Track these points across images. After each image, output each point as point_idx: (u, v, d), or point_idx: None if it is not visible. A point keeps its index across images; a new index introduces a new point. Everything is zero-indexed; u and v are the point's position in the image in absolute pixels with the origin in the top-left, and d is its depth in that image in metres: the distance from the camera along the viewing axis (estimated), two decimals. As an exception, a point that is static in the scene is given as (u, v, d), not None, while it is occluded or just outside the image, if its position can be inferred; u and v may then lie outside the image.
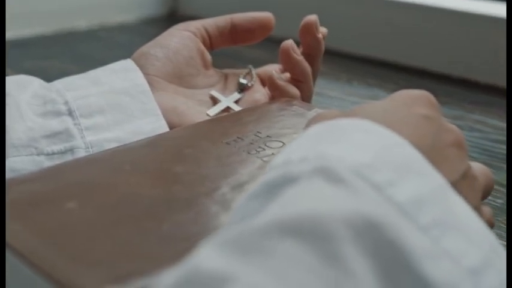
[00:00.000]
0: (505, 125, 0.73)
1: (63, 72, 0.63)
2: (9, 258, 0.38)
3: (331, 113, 0.43)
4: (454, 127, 0.42)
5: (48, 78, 0.59)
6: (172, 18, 1.16)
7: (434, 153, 0.39)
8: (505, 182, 0.57)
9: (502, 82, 0.83)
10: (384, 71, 0.90)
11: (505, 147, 0.67)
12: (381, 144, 0.37)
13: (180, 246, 0.38)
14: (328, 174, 0.34)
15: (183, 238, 0.39)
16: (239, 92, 0.62)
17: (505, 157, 0.64)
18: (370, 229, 0.31)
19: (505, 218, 0.52)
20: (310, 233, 0.30)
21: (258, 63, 0.66)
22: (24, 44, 1.01)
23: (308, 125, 0.43)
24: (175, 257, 0.37)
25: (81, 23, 1.09)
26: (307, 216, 0.31)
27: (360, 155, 0.35)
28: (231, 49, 0.67)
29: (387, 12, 0.94)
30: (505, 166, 0.61)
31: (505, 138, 0.69)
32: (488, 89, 0.84)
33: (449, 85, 0.84)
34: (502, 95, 0.81)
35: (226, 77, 0.64)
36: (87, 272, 0.36)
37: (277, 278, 0.28)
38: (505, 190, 0.56)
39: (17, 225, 0.40)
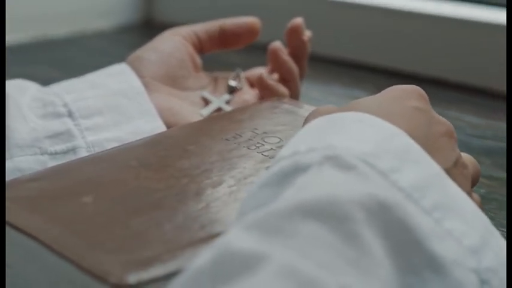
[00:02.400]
0: (480, 120, 0.77)
1: (47, 78, 0.65)
2: (33, 248, 0.40)
3: (328, 108, 0.46)
4: (444, 119, 0.44)
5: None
6: (147, 25, 1.18)
7: (428, 143, 0.41)
8: (485, 173, 0.61)
9: (472, 80, 0.87)
10: (359, 72, 0.93)
11: (481, 141, 0.71)
12: (380, 135, 0.39)
13: (195, 234, 0.41)
14: (338, 162, 0.36)
15: (197, 227, 0.41)
16: (229, 94, 0.65)
17: (482, 150, 0.68)
18: (382, 211, 0.34)
19: (490, 206, 0.55)
20: (328, 215, 0.33)
21: (242, 68, 0.68)
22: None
23: (307, 119, 0.45)
24: (192, 244, 0.40)
25: (59, 30, 1.10)
26: (324, 200, 0.33)
27: (363, 144, 0.37)
28: (215, 54, 0.69)
29: (360, 16, 0.97)
30: (483, 159, 0.64)
31: (480, 133, 0.73)
32: (459, 88, 0.87)
33: (423, 85, 0.86)
34: (473, 93, 0.85)
35: (216, 79, 0.66)
36: (110, 259, 0.38)
37: (303, 257, 0.30)
38: (486, 181, 0.60)
39: (36, 217, 0.42)
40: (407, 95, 0.44)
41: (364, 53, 0.96)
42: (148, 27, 1.17)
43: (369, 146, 0.37)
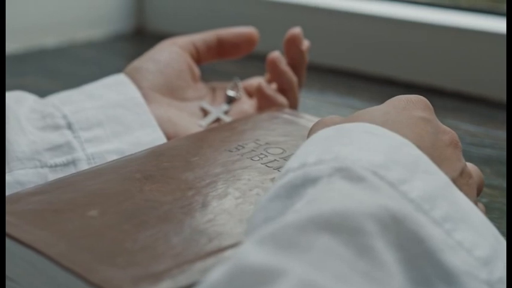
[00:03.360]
0: (478, 129, 0.77)
1: (38, 88, 0.64)
2: (39, 263, 0.40)
3: (332, 118, 0.45)
4: (449, 128, 0.45)
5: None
6: (139, 34, 1.18)
7: (434, 153, 0.41)
8: (485, 182, 0.60)
9: (469, 89, 0.87)
10: (354, 81, 0.93)
11: (480, 150, 0.71)
12: (388, 145, 0.39)
13: (203, 248, 0.40)
14: (348, 174, 0.36)
15: (205, 240, 0.41)
16: (228, 104, 0.64)
17: (481, 159, 0.68)
18: (393, 223, 0.34)
19: (492, 215, 0.55)
20: (341, 227, 0.32)
21: (240, 78, 0.68)
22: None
23: (312, 130, 0.45)
24: (200, 258, 0.39)
25: (50, 40, 1.10)
26: (337, 212, 0.33)
27: (371, 155, 0.37)
28: (213, 64, 0.69)
29: (356, 25, 0.97)
30: (482, 168, 0.63)
31: (479, 142, 0.73)
32: (454, 95, 0.87)
33: (419, 93, 0.86)
34: (470, 101, 0.85)
35: (214, 90, 0.66)
36: (120, 273, 0.38)
37: (320, 270, 0.30)
38: (487, 190, 0.60)
39: (42, 231, 0.41)
40: (412, 105, 0.44)
41: (359, 62, 0.96)
42: (139, 36, 1.17)
43: (378, 157, 0.37)
